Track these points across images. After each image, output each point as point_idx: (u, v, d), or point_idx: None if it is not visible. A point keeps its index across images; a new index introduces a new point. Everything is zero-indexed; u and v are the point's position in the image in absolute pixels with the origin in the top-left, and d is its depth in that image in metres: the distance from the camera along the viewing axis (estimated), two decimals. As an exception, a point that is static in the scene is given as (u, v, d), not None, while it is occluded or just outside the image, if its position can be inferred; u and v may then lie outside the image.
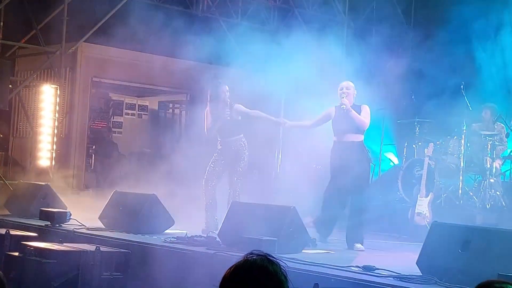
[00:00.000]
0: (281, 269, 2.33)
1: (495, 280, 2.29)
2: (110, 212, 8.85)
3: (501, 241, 5.61)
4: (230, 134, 9.14)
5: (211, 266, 6.68)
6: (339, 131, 8.36)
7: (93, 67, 13.59)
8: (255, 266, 2.30)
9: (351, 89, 8.35)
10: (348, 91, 8.31)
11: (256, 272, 2.29)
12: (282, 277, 2.32)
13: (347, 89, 8.32)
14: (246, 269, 2.31)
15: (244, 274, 2.30)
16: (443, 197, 10.63)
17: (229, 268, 2.35)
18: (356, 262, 6.66)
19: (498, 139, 11.24)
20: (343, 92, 8.30)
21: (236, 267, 2.33)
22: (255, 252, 2.39)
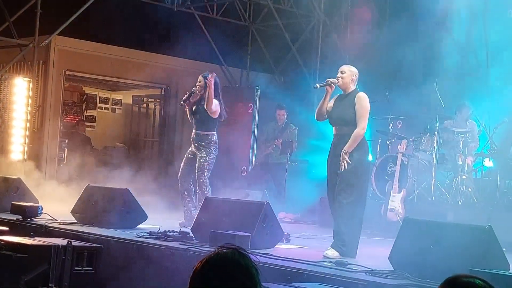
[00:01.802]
0: (252, 262, 2.33)
1: (463, 274, 2.31)
2: (82, 206, 8.80)
3: (472, 237, 5.65)
4: (201, 128, 9.20)
5: (184, 261, 6.67)
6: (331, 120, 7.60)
7: (66, 60, 13.49)
8: (226, 259, 2.30)
9: (346, 73, 7.40)
10: (342, 75, 7.41)
11: (227, 265, 2.28)
12: (253, 270, 2.31)
13: (342, 73, 7.43)
14: (217, 262, 2.30)
15: (215, 267, 2.29)
16: (416, 194, 10.70)
17: (200, 261, 2.34)
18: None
19: (470, 136, 11.33)
20: (338, 76, 7.46)
21: (207, 260, 2.32)
22: (226, 245, 2.38)
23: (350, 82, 7.37)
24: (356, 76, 7.43)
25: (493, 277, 4.89)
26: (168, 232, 7.51)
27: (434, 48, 13.46)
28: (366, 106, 7.31)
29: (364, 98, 7.32)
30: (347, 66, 7.56)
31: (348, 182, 7.04)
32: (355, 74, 7.42)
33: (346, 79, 7.36)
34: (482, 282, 2.27)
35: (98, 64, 13.84)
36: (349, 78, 7.36)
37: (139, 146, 16.51)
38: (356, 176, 7.08)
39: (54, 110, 13.30)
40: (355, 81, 7.41)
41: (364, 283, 5.40)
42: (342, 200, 6.99)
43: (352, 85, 7.39)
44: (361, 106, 7.27)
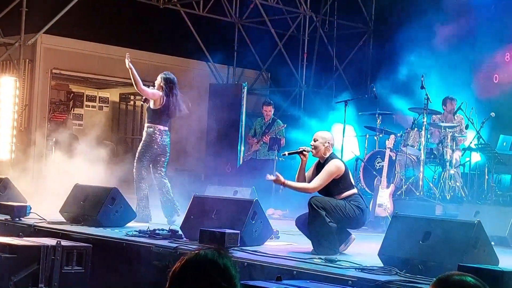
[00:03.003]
0: (232, 263, 2.33)
1: (455, 272, 2.31)
2: (71, 205, 8.77)
3: (461, 232, 5.68)
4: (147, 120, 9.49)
5: (173, 259, 6.67)
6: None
7: (53, 58, 13.44)
8: (206, 260, 2.29)
9: (318, 140, 7.18)
10: (315, 143, 7.20)
11: (205, 265, 2.28)
12: (233, 271, 2.31)
13: (314, 140, 7.21)
14: (196, 263, 2.30)
15: (193, 267, 2.29)
16: (404, 189, 10.74)
17: (179, 261, 2.34)
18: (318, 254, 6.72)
19: (458, 130, 11.39)
20: (311, 144, 7.24)
21: (186, 261, 2.32)
22: (208, 245, 2.38)
23: (324, 150, 7.17)
24: (329, 143, 7.19)
25: (483, 272, 4.90)
26: (157, 230, 7.50)
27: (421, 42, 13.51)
28: (331, 169, 7.06)
29: (335, 164, 7.09)
30: (320, 132, 7.34)
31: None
32: (328, 141, 7.18)
33: (319, 147, 7.17)
34: (473, 280, 2.28)
35: (85, 62, 13.80)
36: (321, 146, 7.17)
37: (127, 144, 16.48)
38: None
39: (41, 108, 13.26)
40: (330, 147, 7.20)
41: (354, 279, 5.40)
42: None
43: (327, 152, 7.18)
44: (327, 168, 7.08)
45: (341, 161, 7.25)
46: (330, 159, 7.13)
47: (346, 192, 7.12)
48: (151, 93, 9.40)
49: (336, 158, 7.22)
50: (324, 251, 6.78)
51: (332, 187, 7.12)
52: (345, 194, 7.11)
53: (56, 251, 6.16)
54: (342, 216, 6.97)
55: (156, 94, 9.39)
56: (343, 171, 7.12)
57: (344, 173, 7.13)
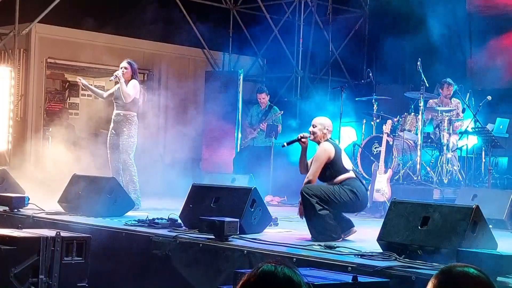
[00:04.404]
0: (304, 279, 2.32)
1: (457, 264, 2.32)
2: (69, 195, 8.78)
3: (459, 216, 5.69)
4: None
5: (173, 248, 6.69)
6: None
7: (48, 48, 13.39)
8: (283, 275, 2.27)
9: (317, 127, 7.20)
10: (313, 129, 7.23)
11: (282, 282, 2.26)
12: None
13: (313, 126, 7.23)
14: (273, 277, 2.26)
15: (270, 280, 2.26)
16: (402, 173, 10.76)
17: (255, 269, 2.31)
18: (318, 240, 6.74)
19: (455, 114, 11.40)
20: (309, 130, 7.26)
21: (263, 271, 2.29)
22: (274, 260, 2.36)
23: (321, 135, 7.19)
24: (327, 129, 7.20)
25: (482, 256, 4.93)
26: (157, 220, 7.52)
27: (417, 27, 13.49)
28: (320, 155, 7.10)
29: (322, 148, 7.12)
30: (318, 118, 7.34)
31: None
32: (326, 127, 7.20)
33: (317, 133, 7.20)
34: (476, 271, 2.28)
35: (80, 51, 13.74)
36: (319, 132, 7.19)
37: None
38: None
39: (37, 98, 13.23)
40: (328, 134, 7.21)
41: (353, 265, 5.42)
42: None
43: (324, 138, 7.19)
44: (316, 155, 7.15)
45: (332, 144, 7.19)
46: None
47: (340, 177, 7.11)
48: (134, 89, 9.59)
49: (327, 142, 7.18)
50: (321, 238, 6.80)
51: (324, 172, 7.13)
52: (339, 179, 7.11)
53: (55, 242, 6.16)
54: (336, 201, 6.97)
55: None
56: (333, 154, 7.10)
57: (335, 157, 7.10)
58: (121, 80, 9.45)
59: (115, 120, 9.63)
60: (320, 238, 6.80)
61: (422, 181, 10.67)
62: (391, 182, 10.15)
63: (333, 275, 4.85)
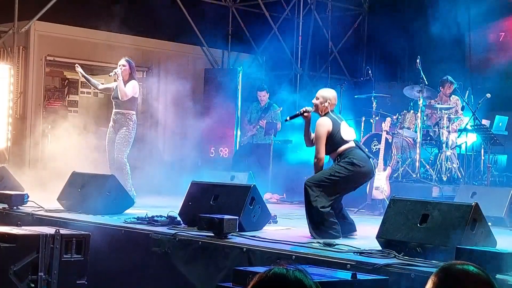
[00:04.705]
0: (315, 283, 2.32)
1: (457, 261, 2.32)
2: (69, 193, 8.78)
3: (458, 214, 5.69)
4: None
5: (172, 246, 6.69)
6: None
7: (47, 45, 13.38)
8: (294, 278, 2.26)
9: (319, 99, 7.21)
10: (316, 101, 7.25)
11: (293, 283, 2.25)
12: None
13: (316, 99, 7.24)
14: (285, 279, 2.26)
15: (281, 282, 2.26)
16: (401, 171, 10.77)
17: (267, 271, 2.31)
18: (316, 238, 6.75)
19: (454, 112, 11.40)
20: (312, 101, 7.31)
21: (274, 273, 2.29)
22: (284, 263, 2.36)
23: (322, 108, 7.20)
24: (329, 102, 7.18)
25: (481, 254, 4.93)
26: (156, 217, 7.52)
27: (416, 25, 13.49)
28: (319, 131, 7.11)
29: (319, 124, 7.14)
30: (322, 91, 7.32)
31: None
32: (328, 100, 7.18)
33: (318, 106, 7.22)
34: (475, 269, 2.28)
35: (79, 48, 13.74)
36: (320, 105, 7.20)
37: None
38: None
39: (36, 96, 13.22)
40: (329, 107, 7.19)
41: (353, 263, 5.42)
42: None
43: (325, 111, 7.19)
44: (315, 132, 7.16)
45: (330, 118, 7.15)
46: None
47: (339, 149, 7.11)
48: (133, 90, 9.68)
49: (325, 116, 7.17)
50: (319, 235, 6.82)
51: (325, 146, 7.12)
52: (339, 151, 7.11)
53: (55, 240, 6.15)
54: (336, 180, 6.96)
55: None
56: (331, 127, 7.09)
57: (333, 131, 7.10)
58: (119, 78, 9.48)
59: (114, 118, 9.67)
60: (318, 235, 6.81)
61: (421, 179, 10.68)
62: (390, 180, 10.15)
63: (332, 273, 4.85)
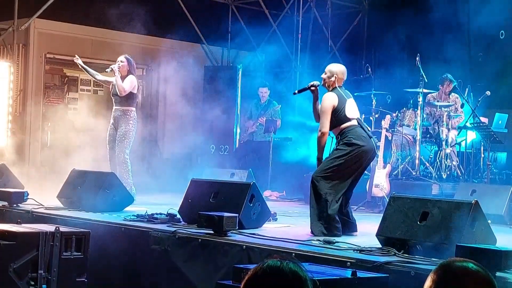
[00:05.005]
0: (310, 277, 2.33)
1: (456, 258, 2.32)
2: (68, 190, 8.77)
3: (458, 212, 5.70)
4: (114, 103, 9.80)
5: (172, 243, 6.69)
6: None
7: (47, 43, 13.38)
8: (289, 270, 2.28)
9: (326, 74, 7.26)
10: (324, 76, 7.30)
11: (288, 275, 2.27)
12: (311, 286, 2.32)
13: (324, 73, 7.30)
14: (279, 271, 2.28)
15: (277, 274, 2.28)
16: (400, 169, 10.77)
17: (261, 264, 2.33)
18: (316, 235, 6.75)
19: (454, 109, 11.40)
20: (321, 76, 7.35)
21: (269, 266, 2.30)
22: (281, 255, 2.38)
23: (329, 83, 7.24)
24: (336, 76, 7.21)
25: (481, 251, 4.93)
26: (155, 215, 7.53)
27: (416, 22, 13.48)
28: (324, 106, 7.13)
29: (324, 98, 7.17)
30: (330, 65, 7.38)
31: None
32: (334, 74, 7.22)
33: (325, 80, 7.26)
34: (475, 266, 2.29)
35: (79, 46, 13.72)
36: (328, 79, 7.24)
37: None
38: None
39: (36, 93, 13.22)
40: (336, 82, 7.21)
41: (353, 260, 5.42)
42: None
43: (332, 86, 7.23)
44: (320, 106, 7.18)
45: (336, 94, 7.17)
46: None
47: (342, 126, 7.13)
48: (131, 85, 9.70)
49: (331, 92, 7.19)
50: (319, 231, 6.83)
51: (330, 122, 7.14)
52: (341, 127, 7.13)
53: (55, 237, 6.15)
54: (339, 164, 6.98)
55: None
56: (337, 101, 7.11)
57: (338, 106, 7.12)
58: (116, 74, 9.50)
59: (114, 115, 9.68)
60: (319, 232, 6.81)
61: (421, 176, 10.68)
62: (390, 177, 10.16)
63: (332, 270, 4.85)
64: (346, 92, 7.29)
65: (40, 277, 6.04)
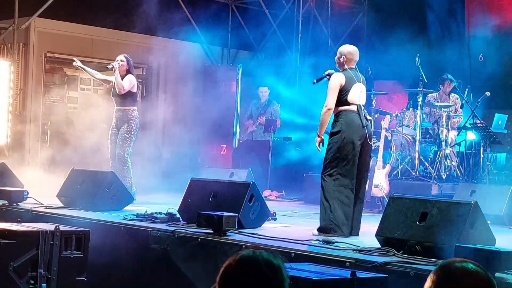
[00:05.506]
0: (284, 266, 2.35)
1: (456, 259, 2.33)
2: (68, 189, 8.78)
3: (458, 212, 5.70)
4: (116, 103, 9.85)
5: (171, 243, 6.70)
6: None
7: (47, 42, 13.38)
8: (262, 259, 2.31)
9: (337, 55, 7.37)
10: (336, 58, 7.42)
11: (262, 264, 2.29)
12: (285, 274, 2.34)
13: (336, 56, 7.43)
14: (252, 260, 2.31)
15: (250, 265, 2.31)
16: (400, 169, 10.77)
17: (234, 256, 2.35)
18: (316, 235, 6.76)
19: (453, 110, 11.41)
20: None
21: (242, 257, 2.33)
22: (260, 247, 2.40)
23: (339, 64, 7.33)
24: (345, 57, 7.28)
25: (480, 252, 4.94)
26: (155, 214, 7.53)
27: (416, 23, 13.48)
28: (331, 84, 7.22)
29: (332, 77, 7.25)
30: (341, 47, 7.43)
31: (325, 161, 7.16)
32: (343, 55, 7.29)
33: (336, 61, 7.36)
34: (475, 267, 2.29)
35: (79, 45, 13.74)
36: (338, 60, 7.34)
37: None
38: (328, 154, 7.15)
39: (36, 92, 13.22)
40: (345, 62, 7.28)
41: (352, 260, 5.43)
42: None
43: (342, 67, 7.31)
44: (328, 85, 7.26)
45: (345, 74, 7.22)
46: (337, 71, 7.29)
47: (340, 107, 7.18)
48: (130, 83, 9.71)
49: (341, 72, 7.25)
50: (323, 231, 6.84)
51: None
52: (339, 109, 7.18)
53: (54, 236, 6.16)
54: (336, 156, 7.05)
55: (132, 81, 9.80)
56: (344, 81, 7.17)
57: (344, 87, 7.17)
58: (116, 72, 9.53)
59: (116, 116, 9.71)
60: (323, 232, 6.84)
61: (421, 177, 10.69)
62: (389, 178, 10.16)
63: (332, 270, 4.85)
64: (357, 76, 7.33)
65: (40, 276, 6.04)
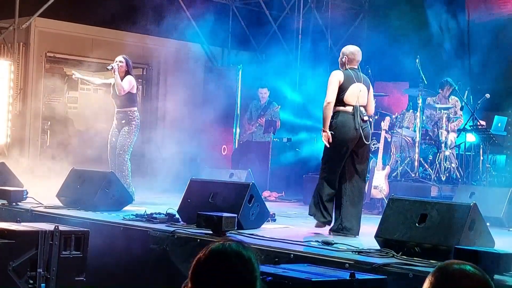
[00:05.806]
0: (255, 256, 2.38)
1: (454, 261, 2.33)
2: (68, 189, 8.78)
3: (457, 214, 5.70)
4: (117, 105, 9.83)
5: (170, 243, 6.70)
6: None
7: (47, 42, 13.40)
8: (231, 251, 2.34)
9: (340, 56, 7.53)
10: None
11: (231, 256, 2.33)
12: (256, 265, 2.37)
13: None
14: (221, 253, 2.35)
15: (219, 257, 2.34)
16: (399, 170, 10.77)
17: (204, 250, 2.38)
18: (315, 236, 6.76)
19: (453, 112, 11.41)
20: None
21: (212, 251, 2.36)
22: (229, 238, 2.43)
23: (341, 64, 7.44)
24: (347, 57, 7.38)
25: (479, 254, 4.94)
26: (155, 214, 7.53)
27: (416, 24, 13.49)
28: (330, 79, 7.30)
29: (331, 74, 7.36)
30: (344, 47, 7.51)
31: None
32: (345, 55, 7.40)
33: (339, 62, 7.47)
34: (473, 269, 2.29)
35: (79, 45, 13.75)
36: (340, 60, 7.46)
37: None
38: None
39: (36, 92, 13.23)
40: (347, 62, 7.37)
41: (351, 262, 5.43)
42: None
43: (344, 67, 7.40)
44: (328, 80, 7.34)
45: (344, 73, 7.28)
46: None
47: (337, 107, 7.25)
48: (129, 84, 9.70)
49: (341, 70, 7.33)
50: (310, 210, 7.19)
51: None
52: (336, 109, 7.25)
53: (54, 236, 6.16)
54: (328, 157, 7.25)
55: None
56: (342, 79, 7.23)
57: (343, 84, 7.23)
58: (115, 73, 9.54)
59: (117, 117, 9.70)
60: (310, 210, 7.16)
61: (420, 178, 10.69)
62: (389, 179, 10.17)
63: (331, 272, 4.85)
64: (358, 76, 7.38)
65: (39, 276, 6.04)
